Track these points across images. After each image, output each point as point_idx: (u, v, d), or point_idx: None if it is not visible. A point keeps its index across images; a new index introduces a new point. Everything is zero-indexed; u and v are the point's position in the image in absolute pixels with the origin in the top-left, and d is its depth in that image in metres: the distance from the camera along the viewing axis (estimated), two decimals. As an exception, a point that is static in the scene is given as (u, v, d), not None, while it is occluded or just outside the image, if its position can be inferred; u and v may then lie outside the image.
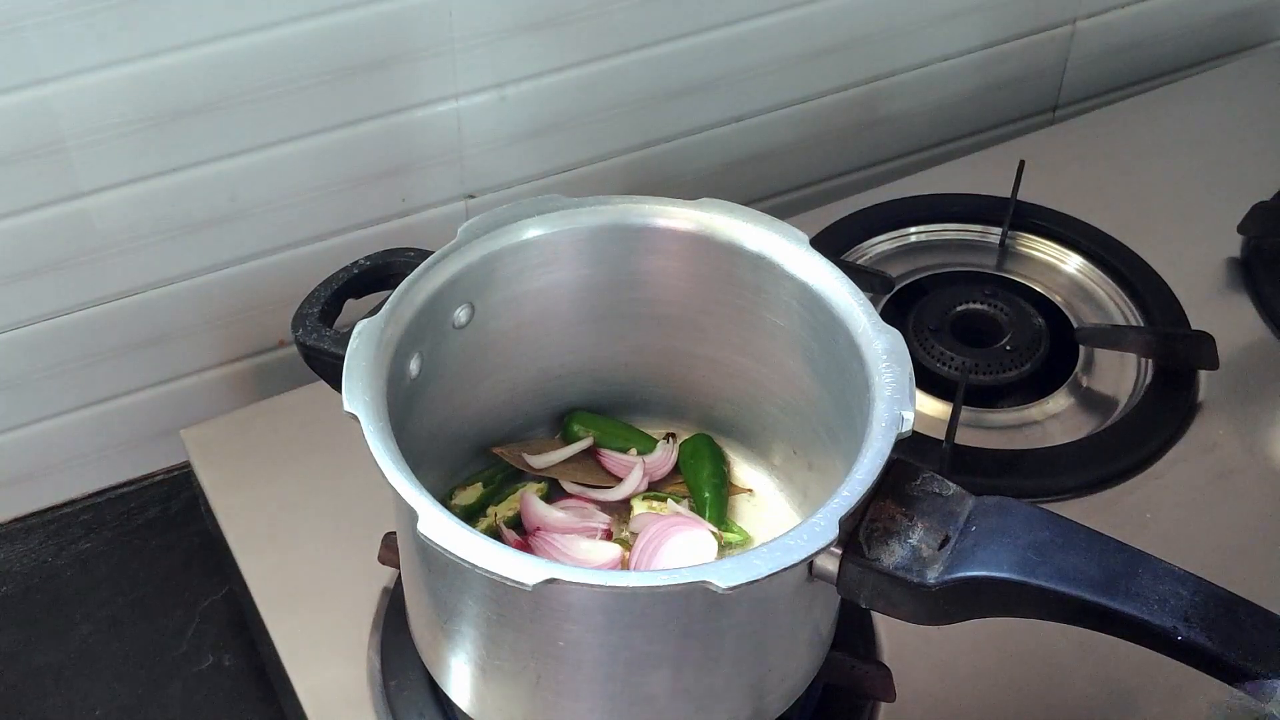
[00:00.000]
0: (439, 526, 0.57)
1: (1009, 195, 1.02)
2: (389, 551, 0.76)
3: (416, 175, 0.91)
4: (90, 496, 0.94)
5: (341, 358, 0.63)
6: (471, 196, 0.94)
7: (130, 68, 0.78)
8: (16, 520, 0.93)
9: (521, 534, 0.76)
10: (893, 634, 0.78)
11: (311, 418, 0.88)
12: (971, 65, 1.09)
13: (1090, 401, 0.92)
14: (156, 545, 0.92)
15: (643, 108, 0.97)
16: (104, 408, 0.91)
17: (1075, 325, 0.96)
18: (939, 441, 0.85)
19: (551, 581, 0.55)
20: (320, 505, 0.84)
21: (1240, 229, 1.01)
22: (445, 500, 0.74)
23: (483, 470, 0.78)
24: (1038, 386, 0.92)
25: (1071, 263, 1.01)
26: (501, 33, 0.87)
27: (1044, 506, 0.59)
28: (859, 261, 0.99)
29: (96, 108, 0.78)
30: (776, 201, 1.07)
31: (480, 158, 0.92)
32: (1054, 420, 0.91)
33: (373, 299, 0.68)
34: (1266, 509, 0.86)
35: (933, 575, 0.56)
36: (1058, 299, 0.98)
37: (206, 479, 0.87)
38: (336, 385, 0.63)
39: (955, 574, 0.56)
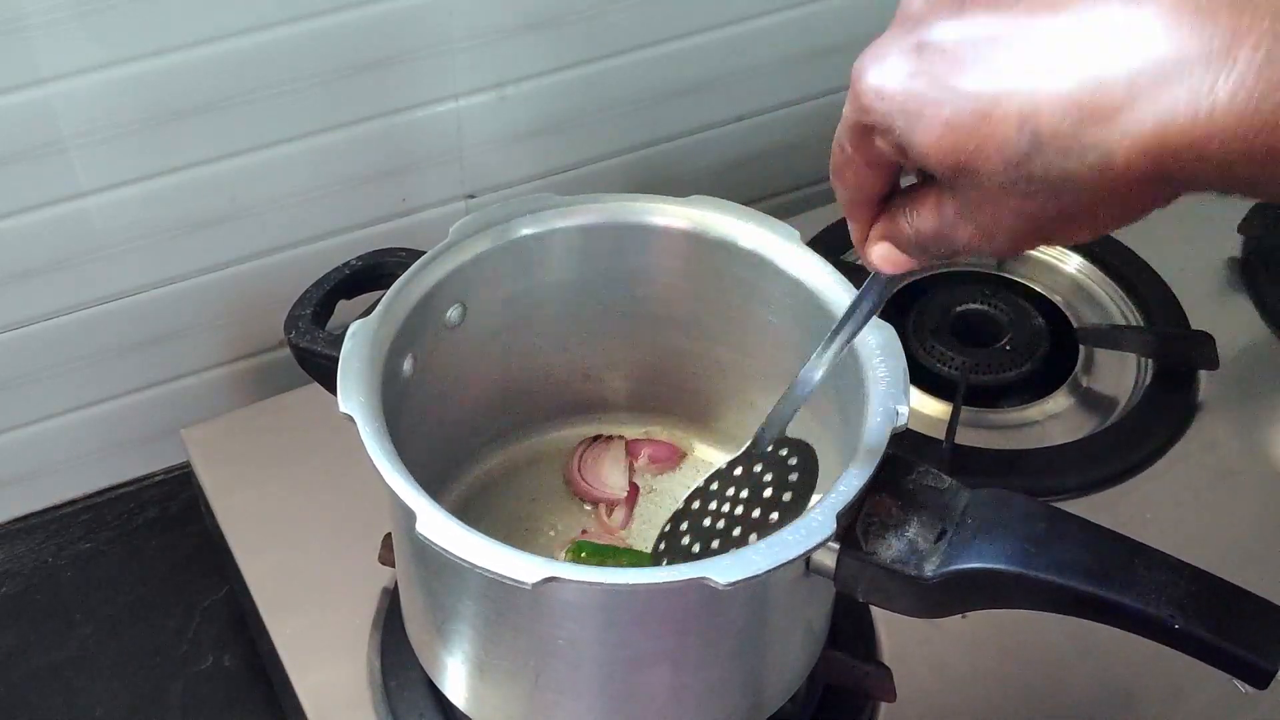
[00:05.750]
0: (437, 526, 0.57)
1: (1009, 195, 1.02)
2: (389, 552, 0.76)
3: (416, 175, 0.91)
4: (90, 496, 0.94)
5: (335, 359, 0.63)
6: (471, 196, 0.94)
7: (130, 68, 0.78)
8: (16, 520, 0.93)
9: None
10: (893, 634, 0.78)
11: (311, 418, 0.88)
12: (971, 66, 1.09)
13: (1090, 401, 0.92)
14: (156, 545, 0.92)
15: (643, 108, 0.97)
16: (104, 408, 0.91)
17: (1075, 325, 0.96)
18: (939, 441, 0.86)
19: (551, 580, 0.55)
20: (320, 505, 0.84)
21: (1240, 229, 1.01)
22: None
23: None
24: (1038, 386, 0.92)
25: (1071, 262, 1.01)
26: (501, 33, 0.87)
27: (1042, 503, 0.59)
28: (860, 261, 0.98)
29: (96, 108, 0.78)
30: (777, 201, 1.07)
31: (480, 158, 0.93)
32: (1054, 420, 0.91)
33: (364, 300, 0.68)
34: (1266, 509, 0.86)
35: (930, 568, 0.56)
36: (1058, 299, 0.98)
37: (206, 479, 0.87)
38: (330, 387, 0.63)
39: (952, 566, 0.56)
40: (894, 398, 0.61)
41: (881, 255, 0.50)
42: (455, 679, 0.68)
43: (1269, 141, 0.37)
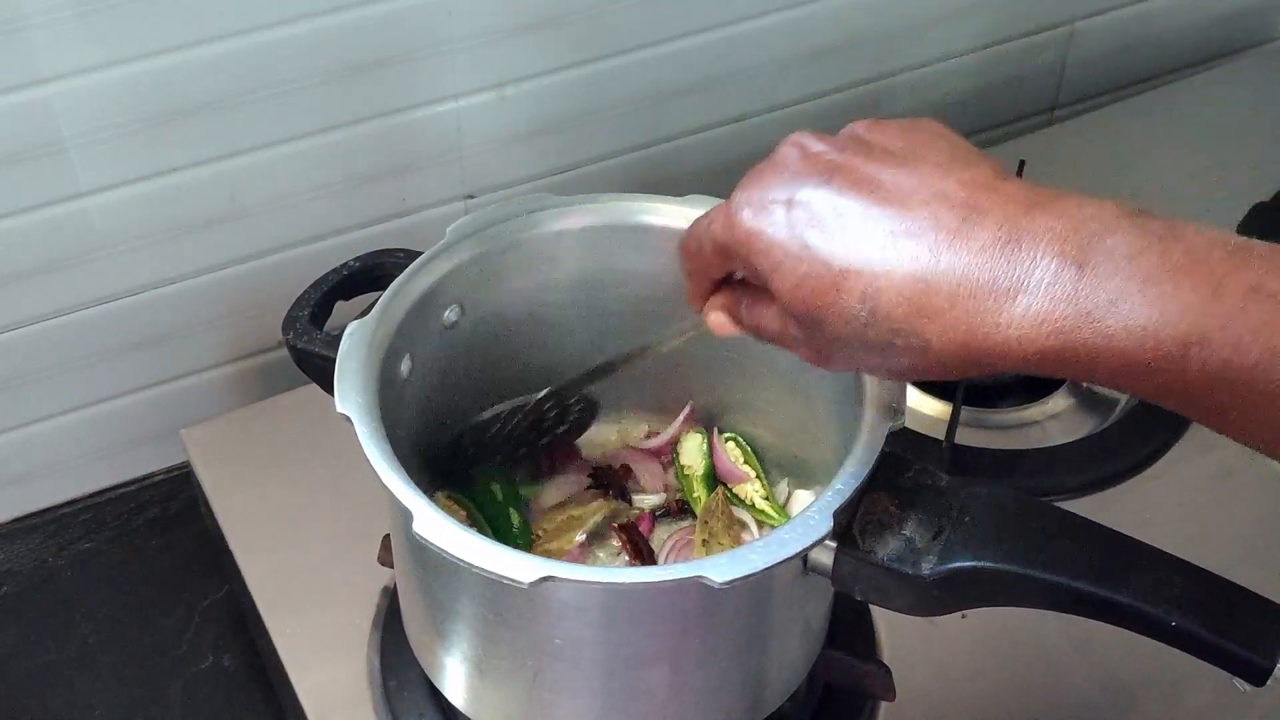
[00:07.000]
0: (434, 526, 0.57)
1: (1009, 195, 1.02)
2: (389, 552, 0.76)
3: (416, 175, 0.91)
4: (90, 496, 0.94)
5: (332, 360, 0.63)
6: (471, 196, 0.95)
7: (130, 68, 0.78)
8: (16, 520, 0.93)
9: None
10: (892, 633, 0.78)
11: (312, 418, 0.87)
12: (971, 65, 1.09)
13: (1090, 401, 0.92)
14: (156, 545, 0.92)
15: (643, 108, 0.97)
16: (104, 408, 0.91)
17: (1075, 325, 0.96)
18: (939, 441, 0.86)
19: (548, 579, 0.55)
20: (320, 505, 0.84)
21: (1240, 229, 1.01)
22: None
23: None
24: (1038, 386, 0.92)
25: (1072, 262, 1.00)
26: (500, 33, 0.87)
27: (1040, 503, 0.59)
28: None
29: (96, 108, 0.78)
30: (776, 202, 1.06)
31: (479, 158, 0.93)
32: (1054, 420, 0.91)
33: (362, 301, 0.68)
34: (1266, 509, 0.86)
35: (927, 566, 0.56)
36: (1058, 298, 0.98)
37: (206, 479, 0.87)
38: (328, 387, 0.63)
39: (949, 564, 0.56)
40: (891, 396, 0.61)
41: (718, 321, 0.57)
42: (454, 679, 0.68)
43: (1054, 348, 0.45)
